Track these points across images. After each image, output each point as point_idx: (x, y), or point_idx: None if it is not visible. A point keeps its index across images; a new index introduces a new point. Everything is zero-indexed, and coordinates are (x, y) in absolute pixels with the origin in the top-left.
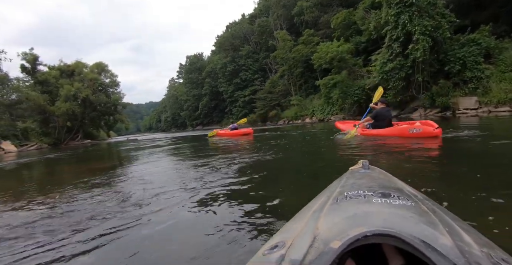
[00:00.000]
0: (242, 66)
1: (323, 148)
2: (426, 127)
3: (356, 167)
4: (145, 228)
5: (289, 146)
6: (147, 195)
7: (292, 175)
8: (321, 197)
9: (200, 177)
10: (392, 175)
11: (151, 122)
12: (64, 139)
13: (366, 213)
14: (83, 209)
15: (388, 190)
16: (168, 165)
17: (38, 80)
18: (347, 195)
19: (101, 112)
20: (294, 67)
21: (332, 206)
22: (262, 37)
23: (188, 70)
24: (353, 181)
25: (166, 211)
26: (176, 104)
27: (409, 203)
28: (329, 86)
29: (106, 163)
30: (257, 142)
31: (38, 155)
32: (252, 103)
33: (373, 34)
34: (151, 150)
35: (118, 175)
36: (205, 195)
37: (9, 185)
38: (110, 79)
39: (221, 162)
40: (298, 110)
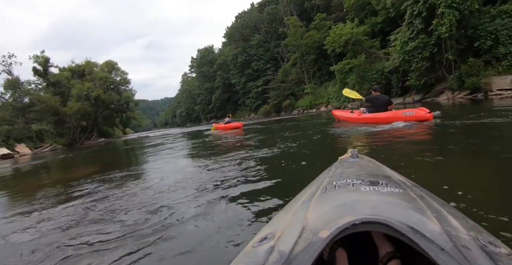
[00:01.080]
0: (253, 56)
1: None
2: (418, 111)
3: (345, 156)
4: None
5: (297, 137)
6: (165, 188)
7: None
8: (310, 188)
9: (197, 172)
10: (381, 163)
11: (167, 118)
12: (79, 139)
13: (354, 201)
14: (106, 207)
15: (376, 178)
16: (171, 162)
17: (50, 82)
18: (336, 184)
19: (114, 110)
20: (307, 54)
21: (321, 196)
22: (272, 25)
23: (199, 64)
24: (341, 170)
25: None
26: (190, 98)
27: (397, 190)
28: (345, 72)
29: (110, 162)
30: (267, 134)
31: (51, 156)
32: (265, 93)
33: (391, 12)
34: (156, 147)
35: (127, 173)
36: (210, 189)
37: (22, 185)
38: (121, 76)
39: (228, 158)
40: (312, 99)
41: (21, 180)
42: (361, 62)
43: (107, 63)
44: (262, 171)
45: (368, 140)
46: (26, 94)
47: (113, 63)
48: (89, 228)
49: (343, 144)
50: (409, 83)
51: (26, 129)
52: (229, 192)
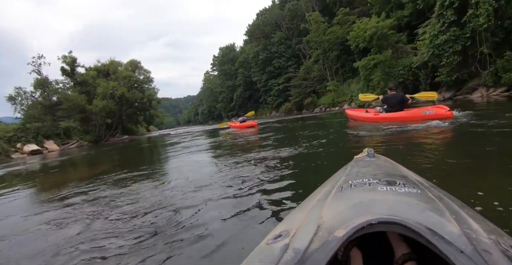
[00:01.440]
0: (275, 53)
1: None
2: (438, 109)
3: (361, 155)
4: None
5: (315, 136)
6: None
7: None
8: (325, 186)
9: (215, 170)
10: (398, 163)
11: (189, 116)
12: (104, 136)
13: (371, 201)
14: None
15: (393, 177)
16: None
17: (77, 81)
18: (352, 183)
19: (137, 108)
20: (329, 50)
21: (337, 195)
22: (294, 22)
23: (221, 62)
24: (357, 169)
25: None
26: (212, 96)
27: (414, 190)
28: (369, 68)
29: (131, 159)
30: (284, 133)
31: (77, 153)
32: (287, 91)
33: (419, 3)
34: (175, 145)
35: (147, 169)
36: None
37: (49, 180)
38: (144, 75)
39: (243, 157)
40: (335, 96)
41: (49, 174)
42: (387, 57)
43: (130, 62)
44: (277, 170)
45: (386, 139)
46: (54, 93)
47: (136, 62)
48: (108, 226)
49: (360, 143)
50: (439, 79)
51: (54, 126)
52: (244, 191)
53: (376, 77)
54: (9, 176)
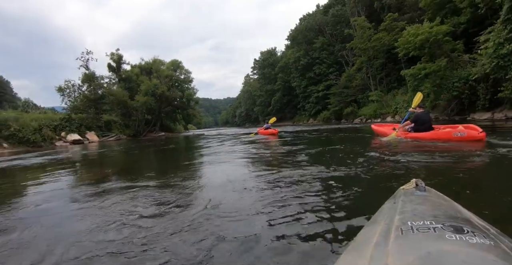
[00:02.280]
0: (316, 59)
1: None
2: (470, 131)
3: (409, 187)
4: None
5: (353, 152)
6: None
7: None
8: (378, 225)
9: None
10: (451, 199)
11: (228, 117)
12: (143, 131)
13: (442, 252)
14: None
15: (457, 222)
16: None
17: (121, 77)
18: (413, 226)
19: (176, 107)
20: (374, 58)
21: (399, 240)
22: (337, 28)
23: (261, 66)
24: (412, 206)
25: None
26: (250, 99)
27: (487, 241)
28: (419, 78)
29: (162, 157)
30: (312, 145)
31: (115, 145)
32: (326, 99)
33: (481, 7)
34: (204, 147)
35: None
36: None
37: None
38: (185, 75)
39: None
40: (377, 107)
41: (87, 165)
42: (440, 67)
43: (172, 62)
44: (301, 193)
45: (425, 165)
46: (99, 88)
47: (178, 62)
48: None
49: (399, 170)
50: (502, 95)
51: (97, 119)
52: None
53: (426, 88)
54: (53, 163)
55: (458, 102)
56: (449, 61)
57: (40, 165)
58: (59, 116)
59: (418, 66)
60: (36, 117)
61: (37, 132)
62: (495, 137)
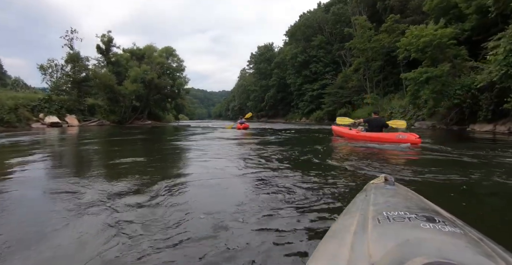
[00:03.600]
0: (313, 57)
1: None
2: (409, 135)
3: (378, 181)
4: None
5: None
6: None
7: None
8: (353, 214)
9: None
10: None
11: (221, 110)
12: (129, 118)
13: (418, 240)
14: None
15: (429, 213)
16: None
17: (110, 60)
18: (388, 216)
19: (165, 95)
20: (373, 60)
21: (377, 229)
22: (337, 27)
23: (257, 60)
24: (384, 199)
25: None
26: (244, 93)
27: (457, 230)
28: (419, 82)
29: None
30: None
31: (95, 131)
32: (321, 98)
33: (492, 11)
34: (188, 136)
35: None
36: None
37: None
38: (177, 63)
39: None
40: (372, 111)
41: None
42: (443, 72)
43: (166, 48)
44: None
45: (381, 161)
46: (83, 69)
47: (171, 50)
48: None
49: (351, 165)
50: (508, 107)
51: (79, 102)
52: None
53: (424, 94)
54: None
55: (459, 111)
56: (452, 67)
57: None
58: (37, 96)
59: (420, 70)
60: (13, 96)
61: (12, 111)
62: (428, 141)
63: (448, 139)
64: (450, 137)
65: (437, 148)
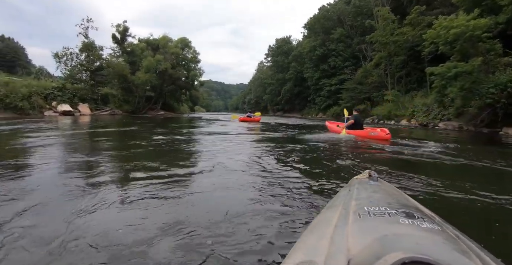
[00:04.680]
0: (332, 51)
1: None
2: (380, 132)
3: (363, 177)
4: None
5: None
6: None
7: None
8: (335, 209)
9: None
10: (400, 190)
11: (238, 103)
12: (142, 108)
13: (397, 235)
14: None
15: (409, 209)
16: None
17: (125, 50)
18: (369, 210)
19: (179, 86)
20: (395, 54)
21: (357, 223)
22: (358, 19)
23: (275, 53)
24: (367, 194)
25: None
26: (261, 87)
27: (435, 226)
28: (447, 77)
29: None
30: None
31: (106, 120)
32: (338, 93)
33: None
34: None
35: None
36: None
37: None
38: (192, 55)
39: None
40: (392, 108)
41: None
42: (473, 67)
43: (181, 39)
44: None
45: (361, 158)
46: (97, 58)
47: (187, 41)
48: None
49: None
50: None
51: (92, 91)
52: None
53: (451, 92)
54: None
55: (491, 112)
56: (484, 62)
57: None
58: (51, 84)
59: (448, 64)
60: (27, 84)
61: (25, 99)
62: (396, 137)
63: (475, 142)
64: (477, 141)
65: (453, 150)
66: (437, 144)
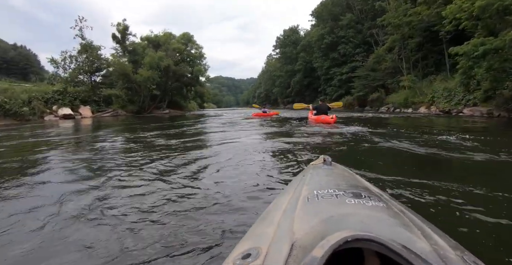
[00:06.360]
0: (342, 38)
1: None
2: (328, 117)
3: (318, 162)
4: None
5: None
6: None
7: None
8: (287, 195)
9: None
10: (353, 172)
11: (248, 97)
12: (148, 108)
13: (342, 215)
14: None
15: (357, 189)
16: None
17: (127, 49)
18: (318, 194)
19: (184, 83)
20: (409, 37)
21: (305, 207)
22: (368, 2)
23: (283, 44)
24: (319, 178)
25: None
26: (270, 80)
27: (380, 204)
28: (475, 57)
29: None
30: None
31: (107, 122)
32: (350, 82)
33: None
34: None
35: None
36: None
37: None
38: (196, 50)
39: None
40: (409, 95)
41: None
42: (505, 43)
43: (183, 35)
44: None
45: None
46: (97, 59)
47: (189, 36)
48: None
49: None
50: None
51: (94, 92)
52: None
53: (478, 73)
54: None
55: None
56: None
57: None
58: (52, 88)
59: (474, 41)
60: (27, 89)
61: (25, 105)
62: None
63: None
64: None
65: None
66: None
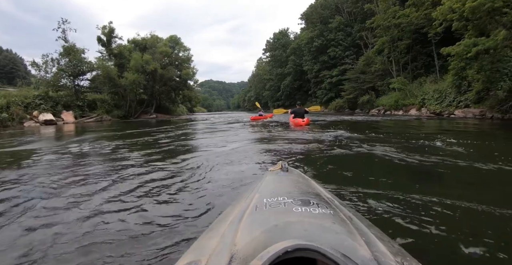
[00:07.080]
0: (331, 41)
1: None
2: (299, 121)
3: (275, 168)
4: None
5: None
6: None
7: None
8: (238, 204)
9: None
10: (309, 177)
11: (239, 101)
12: (135, 113)
13: (287, 224)
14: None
15: (307, 196)
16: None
17: (112, 52)
18: (267, 202)
19: (171, 87)
20: (399, 39)
21: (251, 216)
22: (357, 5)
23: (272, 47)
24: (272, 185)
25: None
26: (260, 83)
27: (328, 211)
28: (467, 57)
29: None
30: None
31: (90, 128)
32: (340, 85)
33: None
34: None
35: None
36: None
37: None
38: (183, 53)
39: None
40: (400, 97)
41: None
42: (497, 43)
43: (170, 37)
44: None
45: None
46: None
47: (177, 38)
48: None
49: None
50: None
51: (77, 97)
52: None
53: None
54: None
55: None
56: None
57: None
58: (33, 93)
59: (466, 42)
60: (6, 94)
61: (4, 110)
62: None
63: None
64: (507, 130)
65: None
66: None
